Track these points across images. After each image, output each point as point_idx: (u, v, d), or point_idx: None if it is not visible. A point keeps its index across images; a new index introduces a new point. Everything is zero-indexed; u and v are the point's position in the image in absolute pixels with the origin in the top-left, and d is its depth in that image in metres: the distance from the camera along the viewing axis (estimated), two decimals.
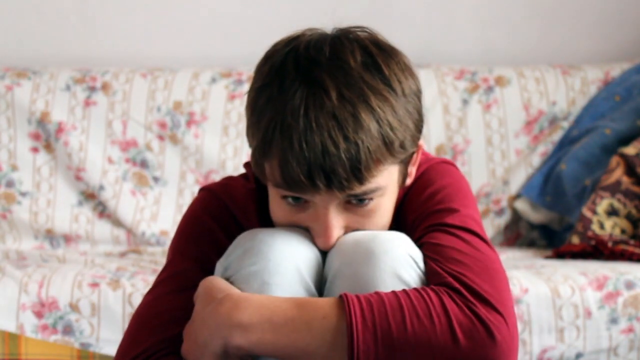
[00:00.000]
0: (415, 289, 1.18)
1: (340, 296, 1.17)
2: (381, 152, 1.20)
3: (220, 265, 1.26)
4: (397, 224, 1.32)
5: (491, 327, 1.15)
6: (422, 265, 1.22)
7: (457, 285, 1.18)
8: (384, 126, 1.19)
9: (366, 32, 1.26)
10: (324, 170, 1.18)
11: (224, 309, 1.17)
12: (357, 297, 1.16)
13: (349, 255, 1.22)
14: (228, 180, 1.40)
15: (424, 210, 1.30)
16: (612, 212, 2.48)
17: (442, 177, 1.34)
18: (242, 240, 1.26)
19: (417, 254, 1.23)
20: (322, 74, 1.19)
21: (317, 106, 1.17)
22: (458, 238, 1.24)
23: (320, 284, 1.26)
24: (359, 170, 1.19)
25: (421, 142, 1.29)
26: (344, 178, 1.18)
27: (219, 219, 1.34)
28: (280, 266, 1.22)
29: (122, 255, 2.49)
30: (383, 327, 1.14)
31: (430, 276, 1.20)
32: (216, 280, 1.22)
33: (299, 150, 1.17)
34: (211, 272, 1.28)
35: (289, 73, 1.20)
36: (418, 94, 1.26)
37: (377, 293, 1.17)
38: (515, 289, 2.07)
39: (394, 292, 1.17)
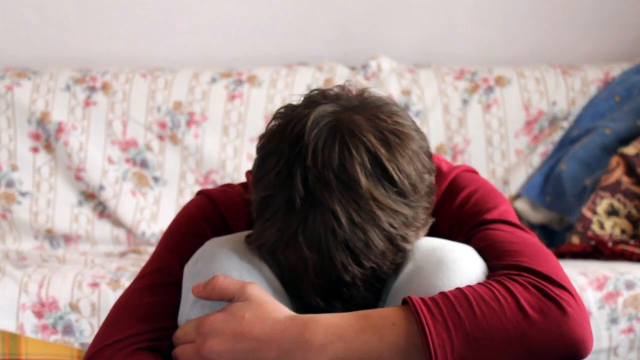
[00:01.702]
0: (476, 283, 1.19)
1: (404, 300, 1.18)
2: (395, 258, 1.21)
3: (188, 270, 1.26)
4: (429, 232, 1.33)
5: (559, 300, 1.15)
6: (487, 273, 1.23)
7: (515, 271, 1.19)
8: (398, 241, 1.19)
9: (374, 107, 1.23)
10: (340, 298, 1.19)
11: (295, 330, 1.17)
12: (421, 298, 1.16)
13: (419, 264, 1.23)
14: (226, 187, 1.40)
15: (460, 216, 1.32)
16: (612, 212, 2.48)
17: (470, 183, 1.36)
18: (211, 247, 1.26)
19: (482, 263, 1.24)
20: (333, 199, 1.17)
21: (330, 234, 1.16)
22: (502, 231, 1.26)
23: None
24: (375, 287, 1.21)
25: (434, 152, 1.30)
26: (361, 297, 1.20)
27: (212, 224, 1.35)
28: (255, 274, 1.23)
29: (122, 255, 2.49)
30: (453, 318, 1.14)
31: (489, 274, 1.22)
32: (264, 295, 1.21)
33: (315, 278, 1.18)
34: None
35: (298, 189, 1.17)
36: (428, 162, 1.26)
37: (440, 292, 1.18)
38: None
39: (456, 288, 1.18)
